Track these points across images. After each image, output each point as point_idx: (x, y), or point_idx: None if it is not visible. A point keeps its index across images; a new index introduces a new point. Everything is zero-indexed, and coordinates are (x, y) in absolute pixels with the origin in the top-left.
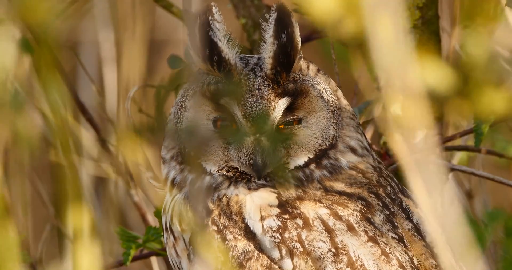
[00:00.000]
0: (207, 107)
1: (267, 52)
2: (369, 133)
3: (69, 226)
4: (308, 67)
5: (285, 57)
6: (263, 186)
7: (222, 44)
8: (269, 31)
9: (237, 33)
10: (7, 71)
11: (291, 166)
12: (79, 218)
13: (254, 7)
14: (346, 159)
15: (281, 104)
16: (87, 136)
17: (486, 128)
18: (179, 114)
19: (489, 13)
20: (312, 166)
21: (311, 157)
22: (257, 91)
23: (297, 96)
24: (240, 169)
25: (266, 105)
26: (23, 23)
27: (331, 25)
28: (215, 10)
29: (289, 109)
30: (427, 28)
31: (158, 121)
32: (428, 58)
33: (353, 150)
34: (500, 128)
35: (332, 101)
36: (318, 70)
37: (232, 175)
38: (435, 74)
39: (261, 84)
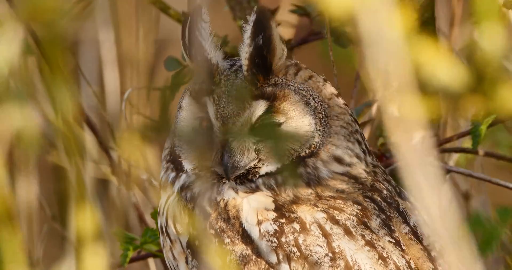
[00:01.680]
0: (194, 107)
1: (244, 53)
2: (366, 135)
3: (73, 228)
4: (296, 73)
5: (260, 60)
6: (254, 190)
7: (206, 44)
8: (247, 32)
9: (234, 35)
10: (10, 71)
11: (262, 171)
12: (84, 220)
13: (251, 9)
14: (328, 168)
15: (255, 105)
16: (88, 138)
17: (483, 130)
18: (177, 114)
19: (497, 12)
20: (286, 173)
21: (285, 162)
22: (234, 92)
23: (275, 99)
24: (212, 169)
25: (239, 106)
26: (28, 23)
27: (344, 21)
28: (203, 10)
29: (268, 113)
30: (423, 30)
31: (161, 122)
32: (431, 58)
33: (338, 160)
34: (499, 129)
35: (321, 108)
36: (310, 77)
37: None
38: (447, 72)
39: (239, 86)
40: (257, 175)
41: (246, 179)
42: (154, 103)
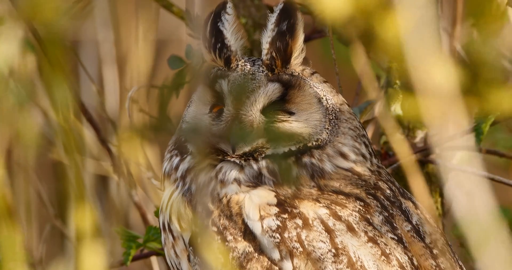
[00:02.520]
0: (207, 95)
1: (266, 37)
2: (369, 133)
3: (71, 225)
4: (312, 74)
5: (282, 44)
6: (255, 184)
7: (227, 32)
8: (272, 19)
9: None
10: (9, 69)
11: (268, 152)
12: (83, 218)
13: (254, 7)
14: (333, 163)
15: (270, 86)
16: (88, 135)
17: (486, 128)
18: (187, 108)
19: (494, 12)
20: (291, 160)
21: (292, 148)
22: (250, 76)
23: (290, 87)
24: (217, 145)
25: (254, 84)
26: (28, 22)
27: (341, 22)
28: (229, 4)
29: (281, 101)
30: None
31: (161, 120)
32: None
33: (344, 156)
34: (500, 128)
35: (332, 110)
36: (325, 82)
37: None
38: (443, 72)
39: (255, 70)
40: (263, 154)
41: (252, 157)
42: (154, 102)
